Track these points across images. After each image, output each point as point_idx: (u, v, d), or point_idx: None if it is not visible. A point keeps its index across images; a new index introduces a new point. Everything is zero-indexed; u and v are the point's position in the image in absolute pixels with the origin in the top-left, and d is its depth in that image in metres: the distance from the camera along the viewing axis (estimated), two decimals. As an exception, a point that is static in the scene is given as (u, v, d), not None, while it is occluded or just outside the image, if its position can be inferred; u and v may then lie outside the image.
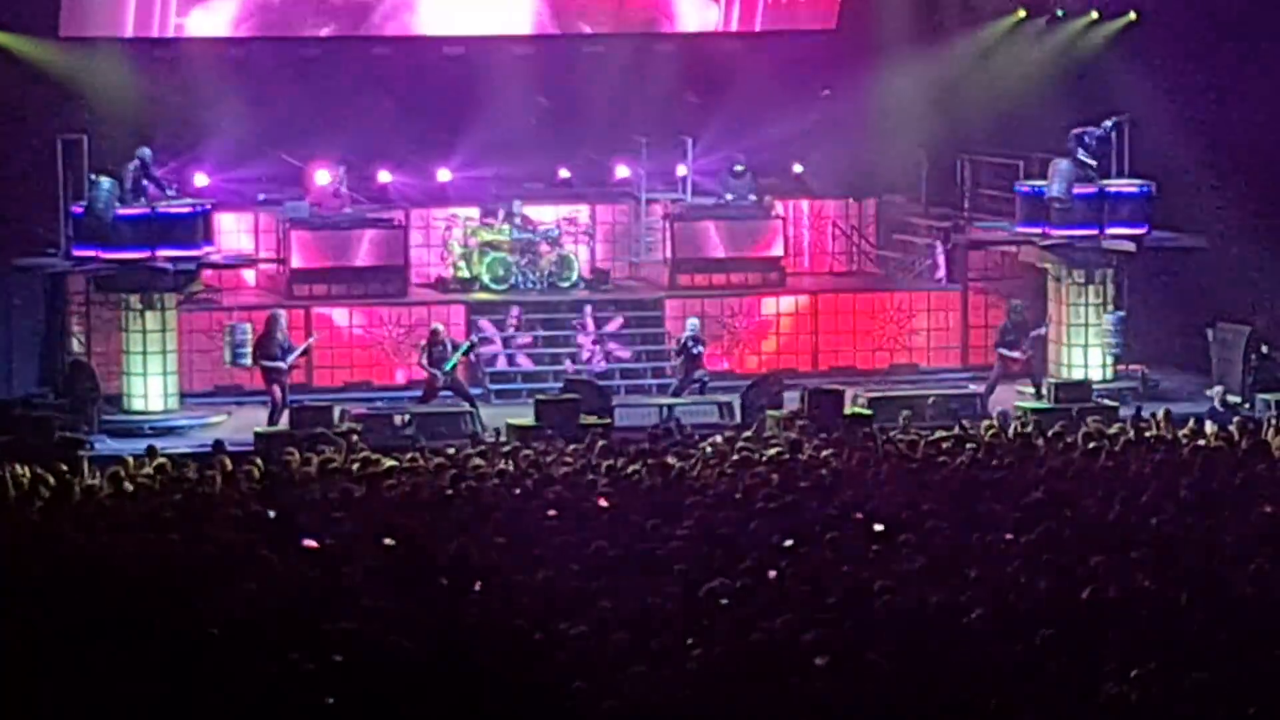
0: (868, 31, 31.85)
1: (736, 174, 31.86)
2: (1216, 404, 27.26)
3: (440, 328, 28.53)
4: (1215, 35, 30.40)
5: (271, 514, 17.42)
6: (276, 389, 27.31)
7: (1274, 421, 24.68)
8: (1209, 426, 23.55)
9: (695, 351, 28.62)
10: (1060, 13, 32.01)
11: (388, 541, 16.80)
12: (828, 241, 33.34)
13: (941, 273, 32.10)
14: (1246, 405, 27.46)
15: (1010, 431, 23.32)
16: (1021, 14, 32.14)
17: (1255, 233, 29.84)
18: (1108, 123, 29.63)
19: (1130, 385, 29.63)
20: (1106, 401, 27.37)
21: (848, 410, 26.13)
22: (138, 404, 27.98)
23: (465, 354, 28.43)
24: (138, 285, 27.91)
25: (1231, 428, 23.26)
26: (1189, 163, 29.69)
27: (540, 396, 26.60)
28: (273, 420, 26.78)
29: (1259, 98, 30.28)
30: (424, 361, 28.11)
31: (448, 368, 27.88)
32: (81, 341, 28.99)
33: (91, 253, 27.72)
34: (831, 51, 32.29)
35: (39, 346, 28.74)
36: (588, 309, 30.46)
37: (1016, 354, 29.27)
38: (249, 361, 27.78)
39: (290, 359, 27.64)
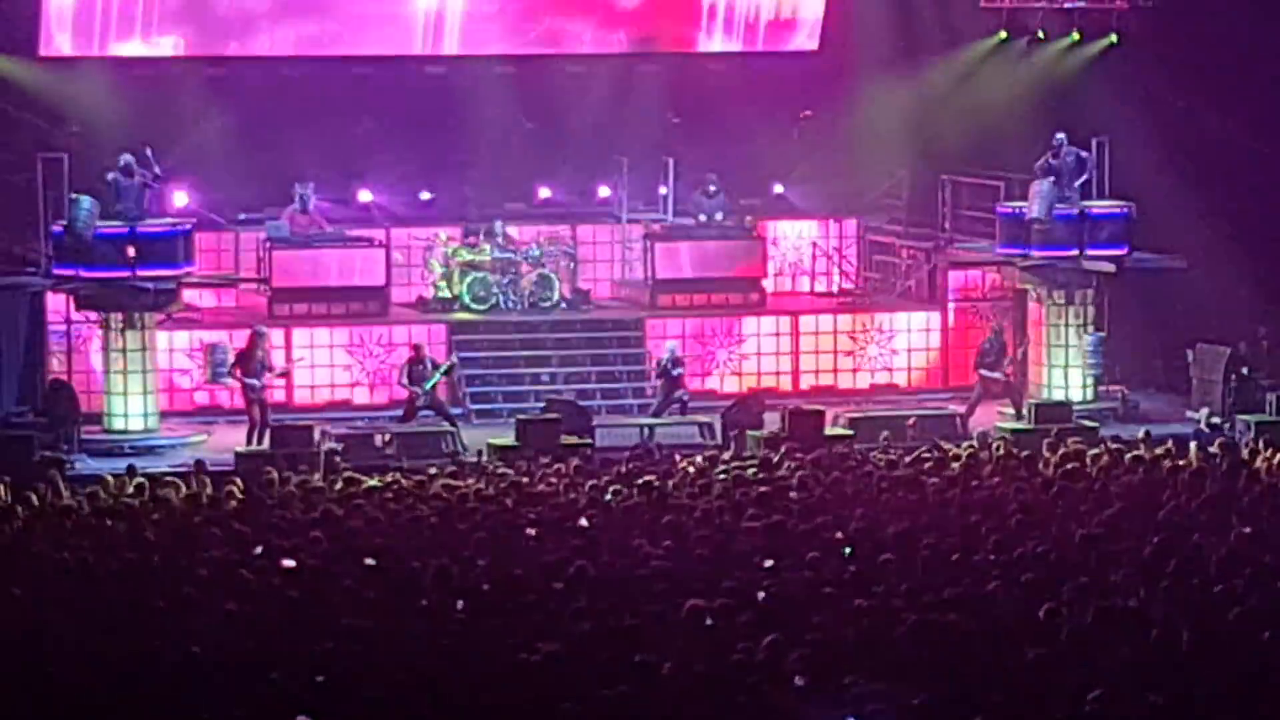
0: (849, 53, 31.91)
1: (710, 194, 31.88)
2: (1203, 425, 27.30)
3: (422, 345, 28.50)
4: (1194, 58, 30.50)
5: (258, 549, 17.34)
6: (255, 409, 27.25)
7: (1252, 443, 24.71)
8: (1192, 448, 23.56)
9: (675, 373, 28.63)
10: (1041, 34, 32.08)
11: (368, 561, 16.78)
12: (809, 262, 33.37)
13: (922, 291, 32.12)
14: (1227, 426, 27.51)
15: (990, 452, 23.33)
16: (1003, 35, 32.21)
17: (1235, 254, 29.92)
18: (1060, 135, 29.62)
19: (1110, 406, 29.68)
20: (1087, 422, 27.40)
21: (828, 431, 26.13)
22: (118, 423, 27.92)
23: (446, 374, 28.41)
24: (118, 304, 27.87)
25: (1213, 449, 23.30)
26: (1169, 184, 29.75)
27: (521, 416, 26.58)
28: (251, 440, 26.72)
29: (1237, 120, 30.38)
30: (404, 380, 28.08)
31: (428, 387, 27.85)
32: (61, 360, 28.94)
33: (72, 271, 27.69)
34: (813, 72, 32.35)
35: (19, 365, 28.67)
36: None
37: (997, 374, 29.30)
38: (230, 380, 27.73)
39: (266, 379, 27.51)
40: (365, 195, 31.78)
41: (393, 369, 29.17)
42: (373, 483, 21.16)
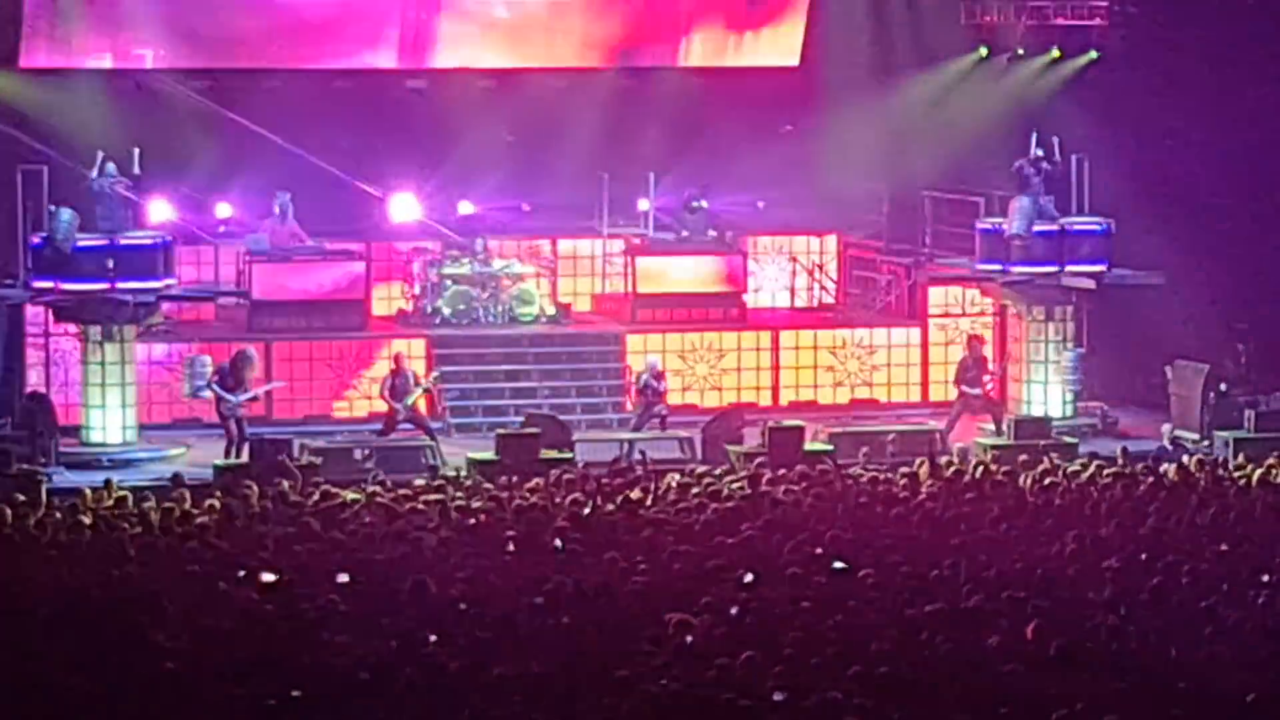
0: (830, 69, 31.94)
1: (693, 209, 31.89)
2: (1166, 442, 27.35)
3: (403, 358, 28.44)
4: (1174, 75, 30.56)
5: (236, 563, 17.26)
6: (232, 423, 27.14)
7: (1231, 460, 24.76)
8: (1166, 465, 23.59)
9: (658, 388, 28.60)
10: (1021, 51, 32.14)
11: (342, 578, 16.73)
12: (789, 277, 33.39)
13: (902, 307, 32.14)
14: (1205, 443, 27.55)
15: (970, 468, 23.34)
16: (983, 52, 32.27)
17: (1214, 271, 29.96)
18: (1037, 150, 29.68)
19: (1090, 422, 29.70)
20: (1066, 438, 27.42)
21: (808, 446, 26.13)
22: (96, 436, 27.85)
23: (427, 390, 28.34)
24: (97, 317, 27.80)
25: (1190, 466, 23.32)
26: (1148, 200, 29.80)
27: (501, 431, 26.54)
28: (230, 453, 26.63)
29: (1216, 136, 30.44)
30: (385, 393, 28.01)
31: (409, 401, 27.80)
32: (39, 373, 28.86)
33: (50, 284, 27.63)
34: (794, 88, 32.38)
35: (-3, 378, 28.62)
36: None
37: (977, 390, 29.32)
38: (209, 394, 27.66)
39: (241, 398, 27.34)
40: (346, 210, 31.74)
41: (372, 382, 29.16)
42: (351, 496, 21.12)
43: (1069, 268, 29.73)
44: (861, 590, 16.08)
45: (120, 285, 27.51)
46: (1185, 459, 24.35)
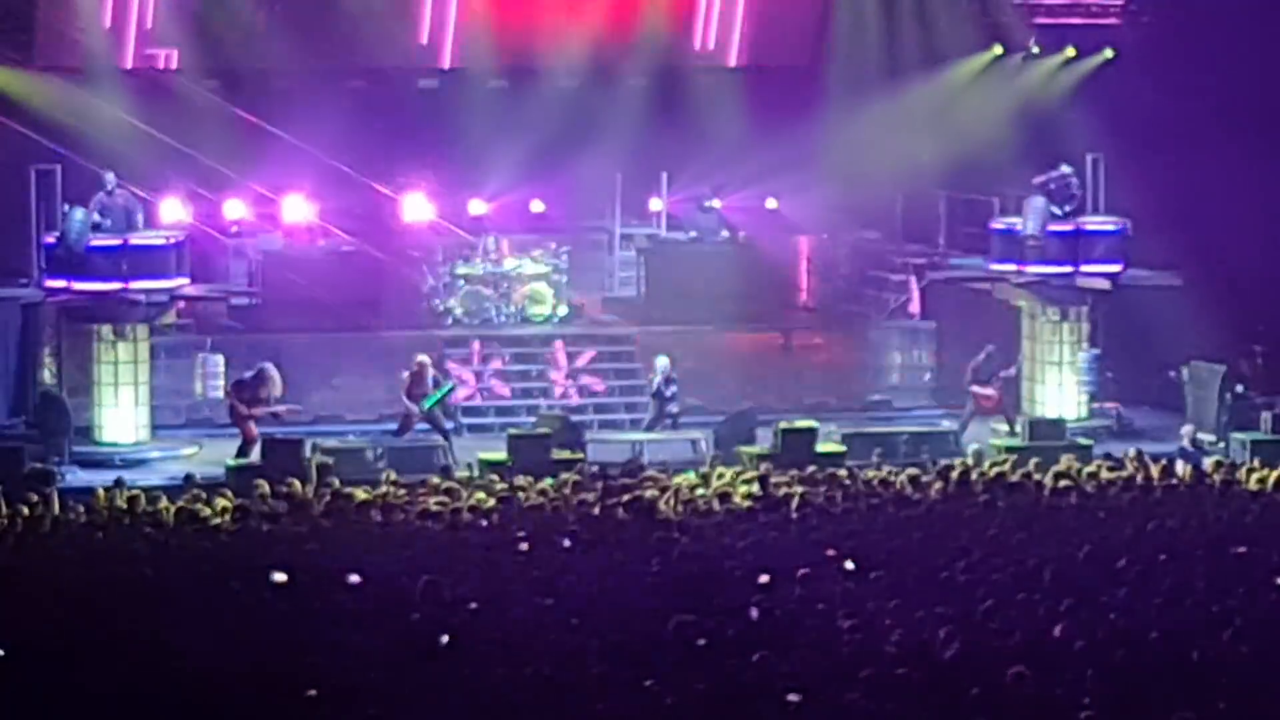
0: (844, 67, 31.89)
1: (704, 209, 31.87)
2: (1186, 443, 27.29)
3: (427, 361, 28.35)
4: (1190, 74, 30.49)
5: (253, 573, 17.17)
6: (250, 424, 27.16)
7: (1246, 461, 24.68)
8: (1180, 466, 23.53)
9: (669, 393, 28.55)
10: (1036, 50, 32.07)
11: (353, 578, 16.71)
12: (802, 277, 33.34)
13: (915, 307, 32.10)
14: (1221, 445, 27.48)
15: (983, 469, 23.28)
16: (998, 50, 32.21)
17: (1230, 271, 29.88)
18: (1066, 168, 29.61)
19: (1104, 423, 29.63)
20: (1080, 440, 27.35)
21: (820, 447, 26.08)
22: (109, 435, 27.86)
23: (446, 395, 28.28)
24: (110, 316, 27.83)
25: (1205, 467, 23.26)
26: (1164, 200, 29.73)
27: (513, 431, 26.52)
28: (243, 453, 26.63)
29: (1232, 136, 30.36)
30: (403, 395, 27.93)
31: (427, 405, 27.75)
32: (53, 372, 28.88)
33: (63, 283, 27.65)
34: (806, 87, 32.33)
35: (10, 377, 28.61)
36: (558, 344, 30.35)
37: (989, 391, 29.26)
38: (221, 394, 27.68)
39: (257, 410, 27.32)
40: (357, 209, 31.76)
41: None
42: (363, 496, 21.11)
43: (1084, 268, 29.67)
44: (874, 592, 16.04)
45: (133, 285, 27.53)
46: (1204, 461, 24.27)
